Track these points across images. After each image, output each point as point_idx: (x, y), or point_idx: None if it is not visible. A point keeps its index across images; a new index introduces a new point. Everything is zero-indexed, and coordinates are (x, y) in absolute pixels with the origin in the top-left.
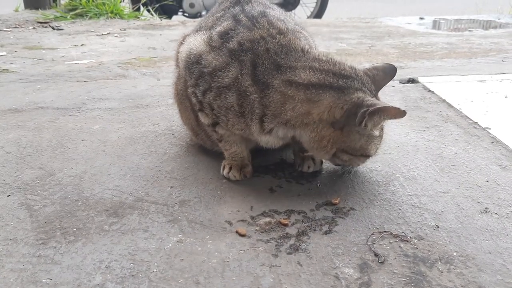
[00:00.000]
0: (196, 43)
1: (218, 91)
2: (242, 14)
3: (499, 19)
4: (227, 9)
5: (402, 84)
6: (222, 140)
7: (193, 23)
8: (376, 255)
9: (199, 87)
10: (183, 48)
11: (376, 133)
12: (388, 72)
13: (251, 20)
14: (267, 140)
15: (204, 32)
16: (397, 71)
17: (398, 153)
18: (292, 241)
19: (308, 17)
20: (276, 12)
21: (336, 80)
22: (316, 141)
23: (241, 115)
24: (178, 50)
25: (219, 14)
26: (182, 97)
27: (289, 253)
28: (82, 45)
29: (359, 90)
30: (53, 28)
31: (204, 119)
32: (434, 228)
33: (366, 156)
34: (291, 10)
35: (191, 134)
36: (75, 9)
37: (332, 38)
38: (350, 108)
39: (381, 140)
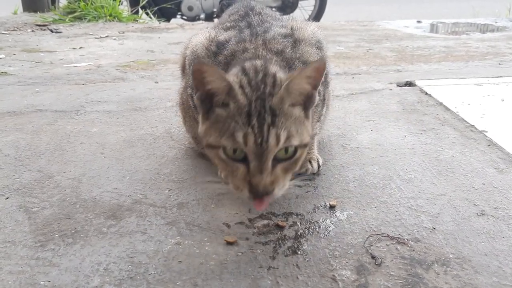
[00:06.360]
0: (198, 42)
1: None
2: (248, 29)
3: (496, 22)
4: (237, 21)
5: (399, 87)
6: None
7: (191, 26)
8: (373, 257)
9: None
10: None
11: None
12: None
13: (252, 35)
14: None
15: (209, 33)
16: (395, 74)
17: (395, 156)
18: (289, 243)
19: (307, 20)
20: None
21: None
22: None
23: None
24: (184, 53)
25: (228, 24)
26: (187, 107)
27: (287, 255)
28: (80, 48)
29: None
30: (52, 31)
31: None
32: (431, 230)
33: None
34: (289, 13)
35: (193, 142)
36: (74, 12)
37: (330, 42)
38: None
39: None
